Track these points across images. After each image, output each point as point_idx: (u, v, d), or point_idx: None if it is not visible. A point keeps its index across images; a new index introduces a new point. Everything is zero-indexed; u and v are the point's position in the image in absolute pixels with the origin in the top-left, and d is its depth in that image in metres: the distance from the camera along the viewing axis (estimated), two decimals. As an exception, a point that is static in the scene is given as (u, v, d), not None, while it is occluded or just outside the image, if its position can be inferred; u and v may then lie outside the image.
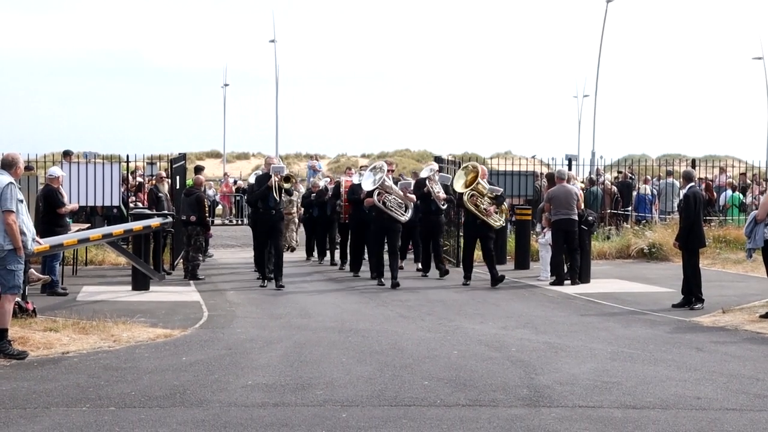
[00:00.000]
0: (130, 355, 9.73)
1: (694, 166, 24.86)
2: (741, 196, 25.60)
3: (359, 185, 17.09)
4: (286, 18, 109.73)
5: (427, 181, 17.36)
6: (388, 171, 16.87)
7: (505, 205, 17.33)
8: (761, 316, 12.25)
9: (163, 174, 20.46)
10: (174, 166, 20.26)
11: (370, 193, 16.25)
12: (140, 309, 12.82)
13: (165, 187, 19.62)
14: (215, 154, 62.28)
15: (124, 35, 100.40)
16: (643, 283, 16.66)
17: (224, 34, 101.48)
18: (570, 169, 24.37)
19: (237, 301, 14.17)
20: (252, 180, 17.64)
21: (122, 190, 20.53)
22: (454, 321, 12.30)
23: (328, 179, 22.13)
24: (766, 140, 44.27)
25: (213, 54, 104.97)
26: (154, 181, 20.73)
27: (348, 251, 19.00)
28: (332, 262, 20.16)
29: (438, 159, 22.10)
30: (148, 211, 16.98)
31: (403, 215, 16.32)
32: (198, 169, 20.61)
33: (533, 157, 37.48)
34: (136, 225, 15.13)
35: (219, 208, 35.54)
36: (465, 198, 16.41)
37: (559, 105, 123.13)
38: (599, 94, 49.19)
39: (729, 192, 25.47)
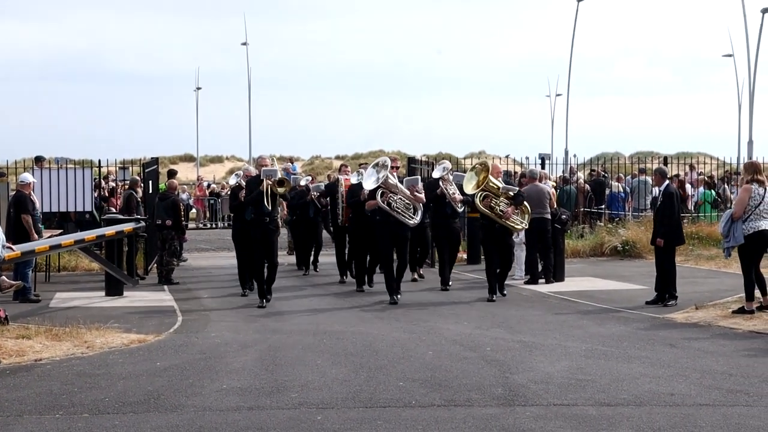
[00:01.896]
0: (104, 361, 9.67)
1: (666, 163, 25.00)
2: (713, 192, 25.76)
3: (359, 185, 15.19)
4: (258, 20, 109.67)
5: (440, 182, 15.56)
6: (392, 168, 14.64)
7: (526, 204, 14.94)
8: (733, 312, 12.34)
9: (138, 179, 20.36)
10: (146, 170, 20.17)
11: (372, 194, 14.30)
12: (114, 314, 12.74)
13: (139, 192, 19.53)
14: (189, 158, 62.20)
15: (95, 39, 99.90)
16: (617, 281, 16.74)
17: (196, 37, 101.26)
18: (543, 168, 24.45)
19: (211, 305, 14.13)
20: (233, 182, 16.13)
21: (95, 195, 20.42)
22: (429, 321, 12.31)
23: (310, 178, 21.13)
24: (737, 137, 44.60)
25: (185, 57, 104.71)
26: (127, 186, 20.62)
27: (345, 261, 17.30)
28: (315, 269, 18.91)
29: (412, 160, 22.12)
30: (120, 216, 16.89)
31: (412, 218, 14.32)
32: (171, 174, 20.54)
33: (507, 156, 37.57)
34: (109, 230, 15.06)
35: (193, 212, 35.43)
36: (477, 200, 14.41)
37: (532, 104, 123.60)
38: (571, 93, 49.42)
39: (701, 189, 25.62)
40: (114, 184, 23.27)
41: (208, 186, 38.76)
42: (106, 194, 22.13)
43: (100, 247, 16.63)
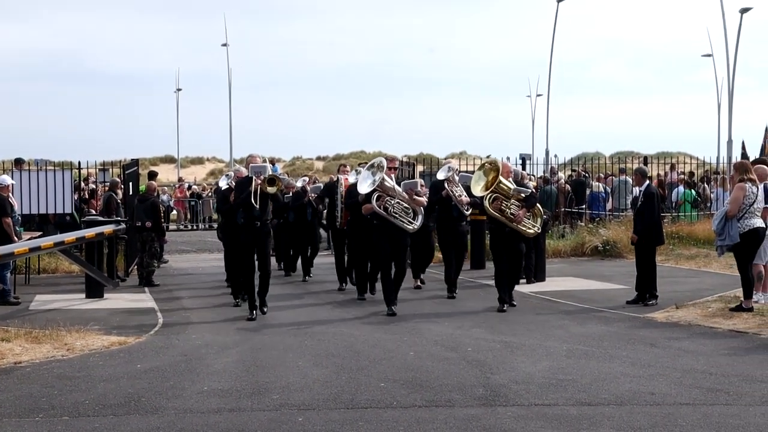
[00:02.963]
0: (84, 363, 9.62)
1: (646, 163, 25.11)
2: (694, 192, 25.91)
3: (356, 185, 13.94)
4: (238, 21, 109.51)
5: (445, 184, 14.60)
6: (389, 169, 13.61)
7: (539, 207, 14.00)
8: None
9: (118, 180, 20.28)
10: (127, 172, 20.09)
11: (368, 197, 13.23)
12: (94, 317, 12.69)
13: (119, 194, 19.46)
14: (169, 159, 62.02)
15: (74, 40, 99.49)
16: (598, 281, 16.78)
17: (176, 38, 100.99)
18: (524, 168, 24.50)
19: (192, 307, 14.08)
20: (222, 183, 15.22)
21: (75, 197, 20.33)
22: (410, 322, 12.30)
23: (306, 179, 20.64)
24: (716, 136, 44.78)
25: (165, 58, 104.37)
26: (107, 188, 20.54)
27: (344, 267, 16.36)
28: (308, 274, 17.97)
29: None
30: (100, 218, 16.81)
31: (411, 223, 13.26)
32: (151, 175, 20.47)
33: (488, 157, 37.63)
34: (89, 232, 14.98)
35: (173, 214, 35.34)
36: (486, 203, 13.29)
37: (513, 105, 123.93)
38: (552, 93, 49.52)
39: (681, 188, 25.76)
40: (94, 186, 23.17)
41: (189, 187, 38.69)
42: (86, 196, 22.04)
43: (80, 249, 16.53)
